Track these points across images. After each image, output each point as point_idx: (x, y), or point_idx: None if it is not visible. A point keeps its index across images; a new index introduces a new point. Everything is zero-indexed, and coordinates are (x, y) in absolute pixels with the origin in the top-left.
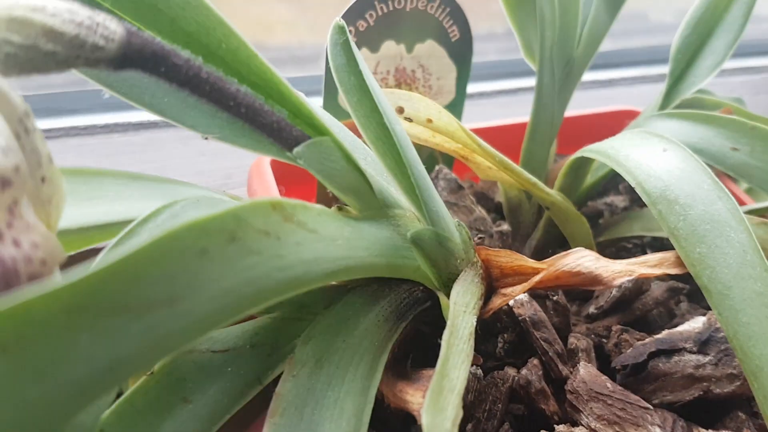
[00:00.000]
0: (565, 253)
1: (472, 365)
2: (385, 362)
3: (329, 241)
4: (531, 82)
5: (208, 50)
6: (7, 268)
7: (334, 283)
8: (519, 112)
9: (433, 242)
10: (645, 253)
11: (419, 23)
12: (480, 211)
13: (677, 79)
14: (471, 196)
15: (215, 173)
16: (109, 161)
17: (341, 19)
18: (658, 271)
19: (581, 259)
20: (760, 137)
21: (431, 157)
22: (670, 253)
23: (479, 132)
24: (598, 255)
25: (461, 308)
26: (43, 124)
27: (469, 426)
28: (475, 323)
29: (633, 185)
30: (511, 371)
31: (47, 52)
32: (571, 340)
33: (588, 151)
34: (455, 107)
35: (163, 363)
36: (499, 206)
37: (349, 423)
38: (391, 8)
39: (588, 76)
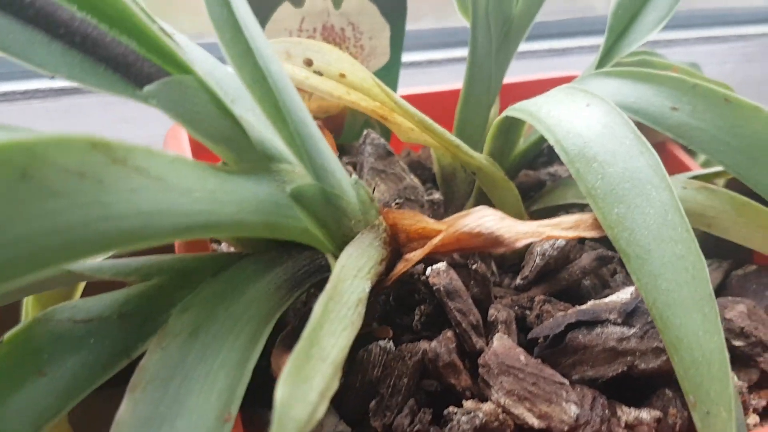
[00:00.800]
0: (466, 212)
1: (383, 338)
2: (282, 334)
3: (182, 192)
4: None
5: None
6: None
7: (217, 247)
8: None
9: (320, 199)
10: None
11: None
12: (411, 179)
13: (618, 36)
14: (404, 164)
15: (136, 141)
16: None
17: None
18: (571, 234)
19: (483, 219)
20: (702, 95)
21: (367, 123)
22: (587, 215)
23: (411, 98)
24: (503, 215)
25: (351, 272)
26: None
27: (373, 403)
28: (367, 289)
29: (552, 143)
30: (423, 344)
31: None
32: (491, 311)
33: (513, 109)
34: (390, 70)
35: (16, 331)
36: (433, 176)
37: (219, 397)
38: None
39: (536, 45)
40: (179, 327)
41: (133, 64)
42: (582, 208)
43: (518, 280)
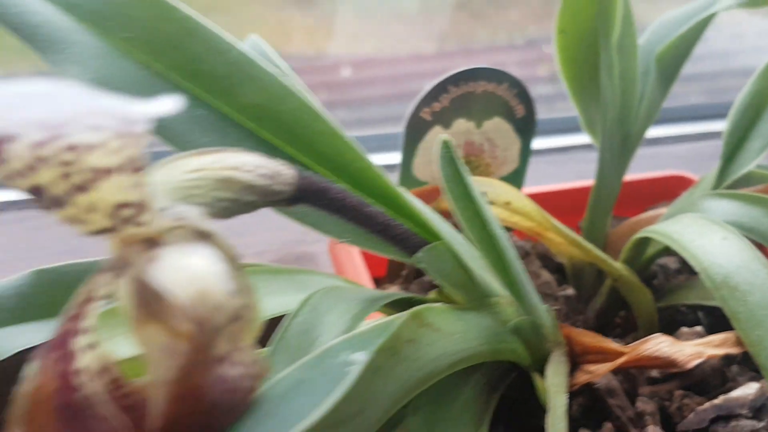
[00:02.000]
0: (644, 339)
1: None
2: None
3: (449, 337)
4: (577, 139)
5: (338, 167)
6: (234, 384)
7: None
8: (569, 169)
9: (530, 330)
10: (697, 317)
11: (488, 102)
12: (546, 275)
13: (728, 159)
14: (537, 259)
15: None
16: None
17: (448, 137)
18: (722, 351)
19: (659, 345)
20: None
21: None
22: (731, 334)
23: (541, 195)
24: (673, 340)
25: (555, 389)
26: None
27: None
28: (566, 402)
29: (697, 270)
30: None
31: (247, 201)
32: (639, 404)
33: (652, 232)
34: (518, 175)
35: None
36: (559, 267)
37: None
38: (463, 91)
39: None
40: (416, 426)
41: (408, 238)
42: (702, 308)
43: (654, 373)
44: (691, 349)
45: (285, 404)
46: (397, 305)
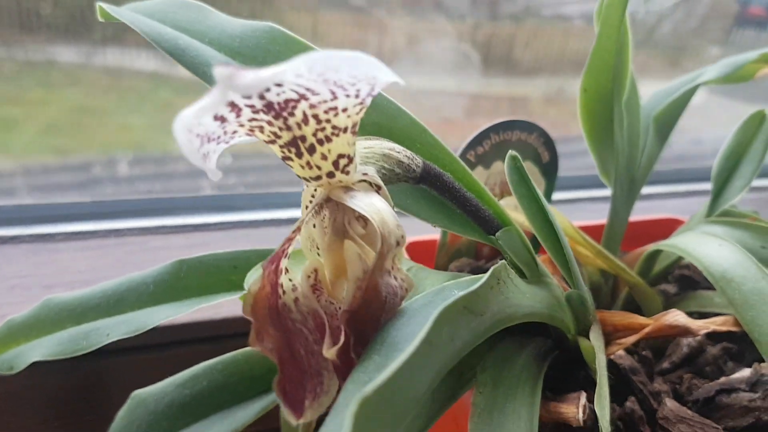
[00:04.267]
0: (664, 312)
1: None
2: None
3: (522, 294)
4: (588, 193)
5: (443, 166)
6: (395, 291)
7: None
8: (582, 216)
9: (578, 302)
10: None
11: (521, 149)
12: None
13: (716, 195)
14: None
15: None
16: None
17: (512, 152)
18: (724, 328)
19: (677, 317)
20: None
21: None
22: (730, 317)
23: None
24: (685, 315)
25: (598, 347)
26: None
27: None
28: (605, 359)
29: (701, 269)
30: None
31: (396, 173)
32: (656, 384)
33: (662, 245)
34: None
35: None
36: None
37: (526, 425)
38: (501, 138)
39: None
40: (485, 380)
41: (491, 221)
42: (701, 314)
43: (665, 365)
44: (700, 322)
45: (422, 311)
46: None
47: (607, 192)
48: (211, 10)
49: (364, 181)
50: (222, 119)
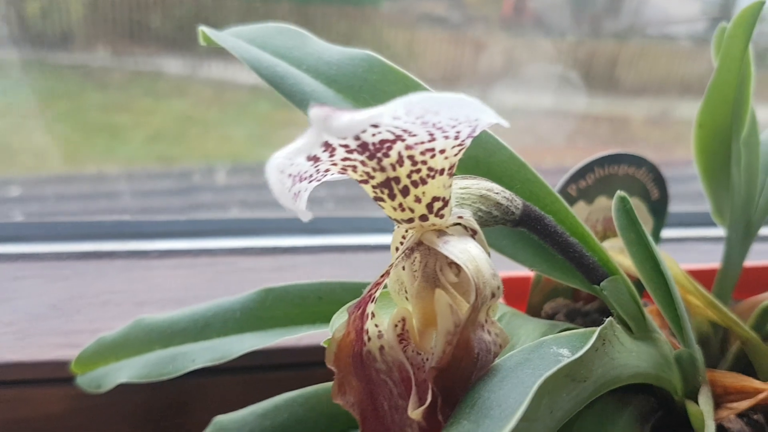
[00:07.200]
0: None
1: None
2: None
3: (629, 352)
4: (697, 231)
5: (543, 206)
6: (488, 347)
7: None
8: (691, 258)
9: (688, 361)
10: None
11: (628, 184)
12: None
13: None
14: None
15: None
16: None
17: (620, 192)
18: None
19: None
20: None
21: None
22: None
23: None
24: None
25: (707, 413)
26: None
27: None
28: (714, 426)
29: None
30: None
31: (494, 215)
32: None
33: None
34: None
35: None
36: None
37: None
38: (607, 172)
39: None
40: None
41: (595, 269)
42: None
43: None
44: None
45: (517, 371)
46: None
47: (718, 231)
48: (310, 37)
49: (459, 224)
50: (315, 159)
